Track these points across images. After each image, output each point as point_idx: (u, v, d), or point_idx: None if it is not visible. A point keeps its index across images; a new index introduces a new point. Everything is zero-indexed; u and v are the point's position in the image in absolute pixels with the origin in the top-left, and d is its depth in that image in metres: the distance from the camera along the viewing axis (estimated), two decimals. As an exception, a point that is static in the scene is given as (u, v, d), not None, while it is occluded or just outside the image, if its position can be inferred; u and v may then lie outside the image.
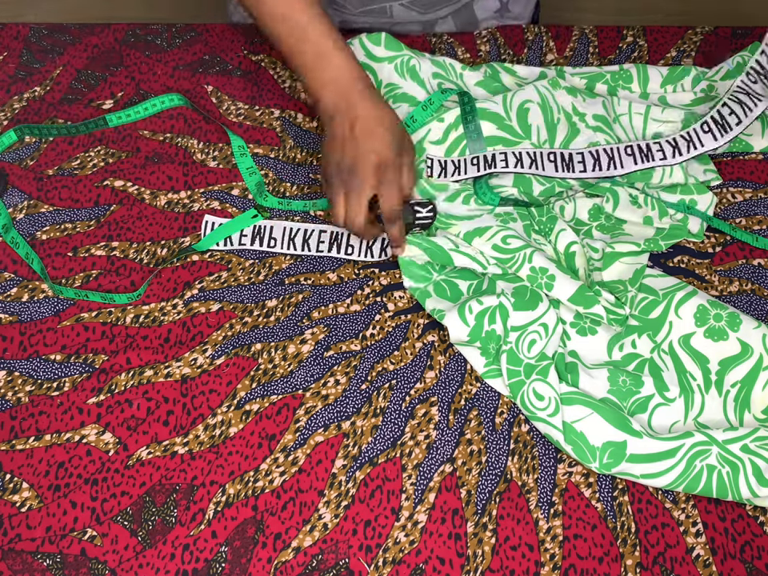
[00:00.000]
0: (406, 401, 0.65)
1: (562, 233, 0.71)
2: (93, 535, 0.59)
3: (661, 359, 0.67)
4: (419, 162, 0.77)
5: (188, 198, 0.76)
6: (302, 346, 0.68)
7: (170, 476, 0.62)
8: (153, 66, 0.85)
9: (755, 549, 0.59)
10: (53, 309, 0.69)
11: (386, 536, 0.59)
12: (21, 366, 0.66)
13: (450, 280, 0.70)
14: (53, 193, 0.76)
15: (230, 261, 0.72)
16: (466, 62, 0.86)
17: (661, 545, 0.59)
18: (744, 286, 0.71)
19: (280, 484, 0.61)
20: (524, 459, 0.63)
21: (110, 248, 0.73)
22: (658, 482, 0.61)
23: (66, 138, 0.79)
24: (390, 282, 0.71)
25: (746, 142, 0.79)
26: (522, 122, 0.76)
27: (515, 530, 0.60)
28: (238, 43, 0.87)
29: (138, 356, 0.67)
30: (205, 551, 0.59)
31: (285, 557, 0.59)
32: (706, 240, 0.74)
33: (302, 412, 0.65)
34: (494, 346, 0.66)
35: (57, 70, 0.84)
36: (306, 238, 0.72)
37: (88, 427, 0.64)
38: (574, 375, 0.65)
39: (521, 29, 0.89)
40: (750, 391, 0.64)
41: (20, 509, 0.60)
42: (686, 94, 0.82)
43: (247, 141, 0.80)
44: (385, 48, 0.81)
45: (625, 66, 0.83)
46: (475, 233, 0.70)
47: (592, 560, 0.59)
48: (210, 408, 0.65)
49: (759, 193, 0.77)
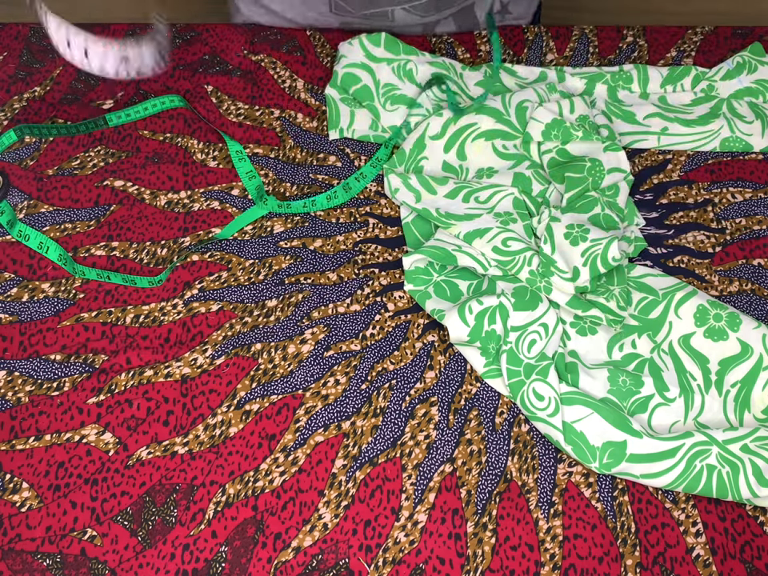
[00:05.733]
0: (405, 401, 0.65)
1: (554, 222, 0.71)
2: (93, 535, 0.59)
3: (661, 359, 0.67)
4: (420, 160, 0.77)
5: (188, 197, 0.76)
6: (302, 346, 0.68)
7: (169, 476, 0.62)
8: (153, 66, 0.85)
9: (755, 549, 0.59)
10: (53, 309, 0.69)
11: (386, 536, 0.59)
12: (21, 365, 0.66)
13: (450, 280, 0.70)
14: (53, 193, 0.76)
15: (230, 261, 0.72)
16: (466, 62, 0.86)
17: (661, 545, 0.59)
18: (744, 286, 0.71)
19: (280, 484, 0.61)
20: (524, 459, 0.63)
21: (109, 248, 0.73)
22: (657, 482, 0.61)
23: (66, 137, 0.79)
24: (389, 282, 0.71)
25: (746, 142, 0.79)
26: (520, 118, 0.77)
27: (515, 530, 0.60)
28: (238, 43, 0.87)
29: (138, 356, 0.67)
30: (205, 551, 0.59)
31: (285, 557, 0.59)
32: (705, 240, 0.74)
33: (302, 412, 0.65)
34: (494, 346, 0.67)
35: (57, 69, 0.84)
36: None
37: (88, 427, 0.64)
38: (574, 375, 0.65)
39: (521, 29, 0.89)
40: (750, 391, 0.64)
41: (20, 509, 0.60)
42: (686, 94, 0.82)
43: (247, 141, 0.80)
44: (384, 49, 0.82)
45: (625, 66, 0.83)
46: (475, 234, 0.70)
47: (592, 560, 0.59)
48: (209, 408, 0.65)
49: (759, 193, 0.77)
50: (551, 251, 0.68)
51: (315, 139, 0.80)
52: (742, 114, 0.80)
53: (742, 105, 0.81)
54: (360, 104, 0.81)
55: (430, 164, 0.77)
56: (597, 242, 0.66)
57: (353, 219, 0.75)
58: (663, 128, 0.80)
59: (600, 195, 0.71)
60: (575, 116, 0.77)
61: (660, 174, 0.78)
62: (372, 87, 0.80)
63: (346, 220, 0.75)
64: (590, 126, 0.76)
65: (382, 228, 0.75)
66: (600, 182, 0.73)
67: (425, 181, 0.75)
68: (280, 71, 0.85)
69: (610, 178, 0.73)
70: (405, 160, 0.77)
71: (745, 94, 0.82)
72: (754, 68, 0.82)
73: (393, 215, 0.75)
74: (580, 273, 0.66)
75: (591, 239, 0.66)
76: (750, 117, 0.80)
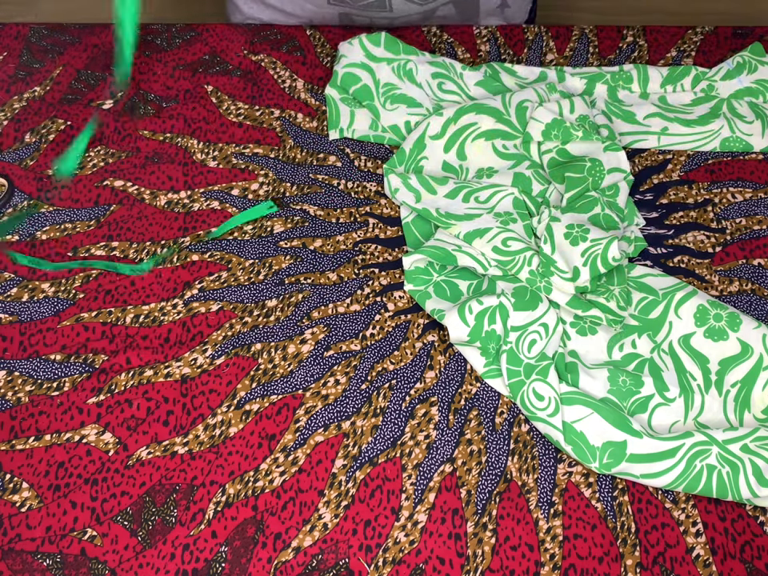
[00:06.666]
0: (405, 401, 0.65)
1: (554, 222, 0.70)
2: (93, 535, 0.59)
3: (661, 359, 0.67)
4: (420, 160, 0.77)
5: (188, 198, 0.76)
6: (302, 346, 0.68)
7: (169, 476, 0.62)
8: (153, 66, 0.85)
9: (755, 549, 0.59)
10: (53, 309, 0.69)
11: (386, 536, 0.59)
12: (21, 366, 0.66)
13: (450, 280, 0.70)
14: (53, 193, 0.76)
15: (230, 261, 0.72)
16: (466, 61, 0.86)
17: (661, 545, 0.59)
18: (744, 286, 0.71)
19: (280, 484, 0.61)
20: (524, 459, 0.63)
21: (109, 248, 0.73)
22: (658, 482, 0.61)
23: (65, 137, 0.79)
24: (389, 282, 0.71)
25: (746, 142, 0.79)
26: (520, 118, 0.77)
27: (515, 530, 0.60)
28: (238, 43, 0.87)
29: (138, 356, 0.67)
30: (205, 551, 0.59)
31: (285, 557, 0.59)
32: (705, 240, 0.74)
33: (302, 412, 0.65)
34: (494, 346, 0.66)
35: (57, 69, 0.84)
36: None
37: (88, 427, 0.64)
38: (574, 375, 0.65)
39: (521, 29, 0.89)
40: (750, 391, 0.64)
41: (20, 509, 0.60)
42: (686, 94, 0.82)
43: (247, 141, 0.80)
44: (384, 49, 0.82)
45: (625, 66, 0.83)
46: (475, 234, 0.70)
47: (592, 560, 0.59)
48: (210, 408, 0.65)
49: (759, 193, 0.77)
50: (551, 251, 0.68)
51: (315, 139, 0.80)
52: (742, 114, 0.80)
53: (742, 105, 0.81)
54: (360, 104, 0.81)
55: (430, 164, 0.77)
56: (597, 242, 0.66)
57: (353, 219, 0.75)
58: (663, 128, 0.80)
59: (600, 195, 0.71)
60: (575, 116, 0.77)
61: (660, 174, 0.78)
62: (372, 87, 0.80)
63: (346, 220, 0.75)
64: (590, 125, 0.76)
65: (382, 228, 0.75)
66: (600, 182, 0.73)
67: (425, 181, 0.74)
68: (280, 71, 0.85)
69: (610, 177, 0.73)
70: (405, 160, 0.77)
71: (745, 94, 0.82)
72: (754, 68, 0.82)
73: (393, 215, 0.75)
74: (580, 273, 0.66)
75: (591, 239, 0.66)
76: (750, 117, 0.80)
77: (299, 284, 0.71)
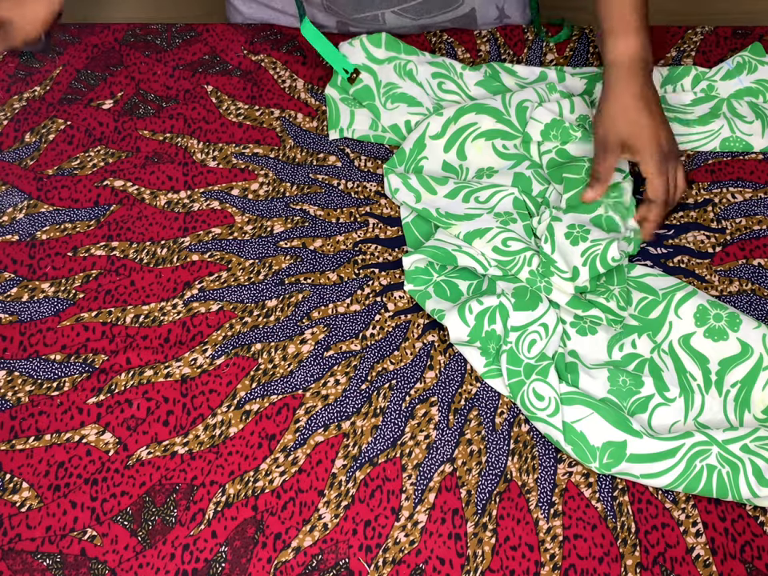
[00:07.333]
0: (406, 401, 0.65)
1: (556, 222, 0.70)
2: (93, 535, 0.59)
3: (661, 359, 0.67)
4: (420, 160, 0.77)
5: (188, 197, 0.76)
6: (302, 346, 0.68)
7: (169, 476, 0.62)
8: (153, 66, 0.85)
9: (755, 549, 0.59)
10: (53, 309, 0.69)
11: (386, 536, 0.59)
12: (21, 365, 0.66)
13: (450, 280, 0.70)
14: (53, 193, 0.76)
15: (230, 261, 0.72)
16: (466, 62, 0.86)
17: (661, 545, 0.59)
18: (744, 286, 0.71)
19: (280, 484, 0.61)
20: (524, 459, 0.63)
21: (109, 248, 0.73)
22: (657, 482, 0.61)
23: (65, 137, 0.79)
24: (390, 282, 0.71)
25: (746, 142, 0.79)
26: (520, 118, 0.77)
27: (515, 530, 0.60)
28: (238, 43, 0.87)
29: (138, 356, 0.67)
30: (205, 551, 0.59)
31: (285, 557, 0.59)
32: (705, 240, 0.74)
33: (302, 412, 0.65)
34: (494, 346, 0.66)
35: (57, 69, 0.84)
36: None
37: (88, 427, 0.64)
38: (574, 375, 0.65)
39: (521, 29, 0.89)
40: (750, 391, 0.64)
41: (20, 509, 0.60)
42: (686, 94, 0.82)
43: (247, 141, 0.80)
44: (385, 49, 0.82)
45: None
46: (475, 234, 0.70)
47: (592, 560, 0.59)
48: (210, 408, 0.65)
49: (759, 193, 0.77)
50: (551, 251, 0.68)
51: (315, 139, 0.80)
52: (742, 114, 0.80)
53: (742, 105, 0.81)
54: (360, 104, 0.81)
55: (430, 164, 0.77)
56: (597, 242, 0.66)
57: (353, 219, 0.75)
58: (663, 128, 0.79)
59: (604, 197, 0.71)
60: (575, 116, 0.77)
61: (660, 173, 0.78)
62: (373, 87, 0.80)
63: (346, 220, 0.75)
64: (589, 125, 0.76)
65: (382, 228, 0.75)
66: None
67: (425, 181, 0.74)
68: (280, 71, 0.85)
69: None
70: (405, 160, 0.77)
71: (745, 94, 0.82)
72: (754, 68, 0.82)
73: (393, 215, 0.75)
74: (580, 273, 0.66)
75: (591, 239, 0.66)
76: (750, 117, 0.80)
77: (299, 284, 0.71)
